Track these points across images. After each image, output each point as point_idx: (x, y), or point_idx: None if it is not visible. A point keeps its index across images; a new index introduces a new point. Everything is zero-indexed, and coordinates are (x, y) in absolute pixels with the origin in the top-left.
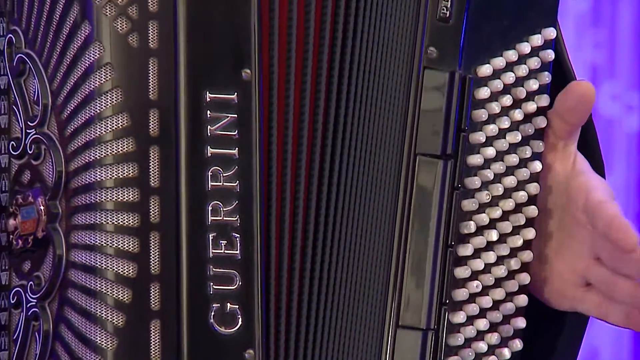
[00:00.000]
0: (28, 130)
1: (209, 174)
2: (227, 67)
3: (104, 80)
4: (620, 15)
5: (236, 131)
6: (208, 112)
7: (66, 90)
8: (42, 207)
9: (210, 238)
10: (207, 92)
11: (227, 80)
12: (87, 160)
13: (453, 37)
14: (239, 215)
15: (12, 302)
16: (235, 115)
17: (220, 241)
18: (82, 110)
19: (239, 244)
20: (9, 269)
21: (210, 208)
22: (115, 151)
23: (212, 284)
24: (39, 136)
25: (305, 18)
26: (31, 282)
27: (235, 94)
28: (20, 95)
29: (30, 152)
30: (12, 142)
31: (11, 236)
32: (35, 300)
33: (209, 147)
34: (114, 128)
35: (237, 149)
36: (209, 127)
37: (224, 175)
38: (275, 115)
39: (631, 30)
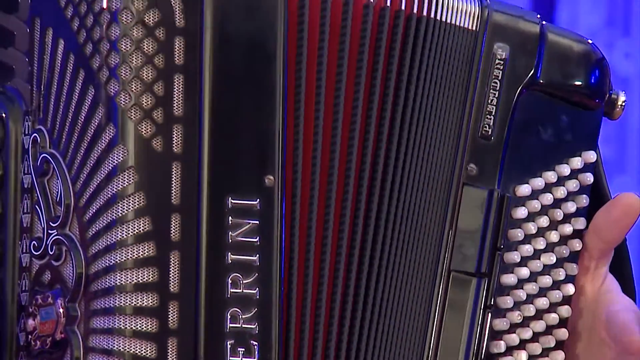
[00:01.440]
0: (50, 231)
1: (229, 280)
2: (249, 173)
3: (126, 183)
4: (629, 111)
5: (257, 237)
6: (230, 218)
7: (89, 193)
8: (61, 309)
9: (229, 345)
10: (230, 198)
11: (249, 186)
12: (107, 264)
13: (494, 155)
14: (257, 323)
15: None
16: (257, 222)
17: (239, 348)
18: (103, 213)
19: (256, 352)
20: None
21: (229, 315)
22: (136, 255)
23: None
24: (60, 237)
25: (333, 125)
26: None
27: (258, 200)
28: (43, 195)
29: (51, 253)
30: (34, 242)
31: (30, 336)
32: None
33: (229, 253)
34: (135, 232)
35: (257, 255)
36: (230, 233)
37: (244, 282)
38: (297, 222)
39: None
